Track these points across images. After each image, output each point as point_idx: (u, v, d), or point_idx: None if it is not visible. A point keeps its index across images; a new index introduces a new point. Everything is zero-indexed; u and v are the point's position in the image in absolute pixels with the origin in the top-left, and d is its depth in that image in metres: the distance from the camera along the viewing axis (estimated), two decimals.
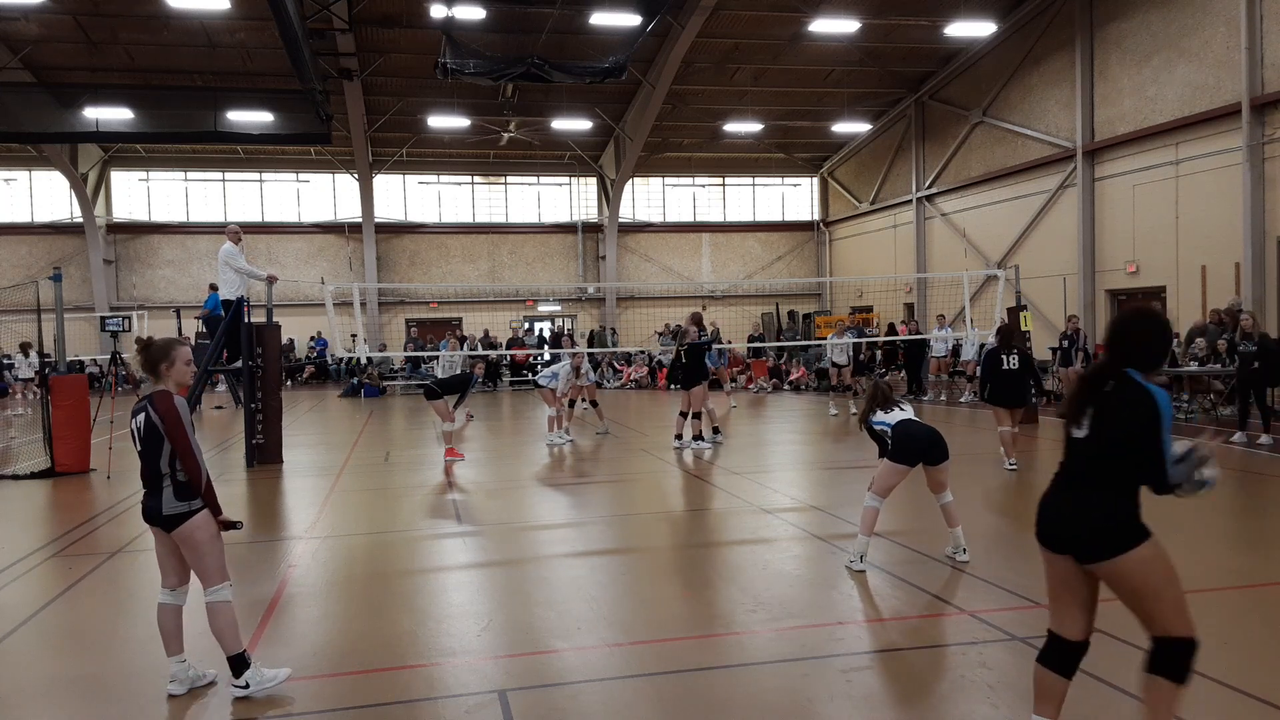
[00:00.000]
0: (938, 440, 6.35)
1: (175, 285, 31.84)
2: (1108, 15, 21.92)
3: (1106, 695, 4.14)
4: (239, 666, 4.32)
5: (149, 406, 4.43)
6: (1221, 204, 19.04)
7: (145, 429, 4.41)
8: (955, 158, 28.14)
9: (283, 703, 4.30)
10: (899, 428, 6.34)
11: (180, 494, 4.38)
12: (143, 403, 4.49)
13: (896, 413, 6.45)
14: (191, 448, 4.39)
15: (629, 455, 12.52)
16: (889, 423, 6.40)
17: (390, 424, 17.56)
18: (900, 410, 6.48)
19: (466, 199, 34.35)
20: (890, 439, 6.37)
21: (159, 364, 4.50)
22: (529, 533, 7.97)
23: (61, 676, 4.78)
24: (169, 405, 4.38)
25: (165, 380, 4.50)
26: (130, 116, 22.66)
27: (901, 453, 6.30)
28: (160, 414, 4.37)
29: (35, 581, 6.59)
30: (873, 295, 32.26)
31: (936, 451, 6.32)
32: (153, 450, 4.39)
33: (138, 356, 4.56)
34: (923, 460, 6.32)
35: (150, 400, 4.44)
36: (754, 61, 27.06)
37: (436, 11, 21.16)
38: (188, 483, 4.38)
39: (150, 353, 4.52)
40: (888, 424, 6.41)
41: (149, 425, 4.40)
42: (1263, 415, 11.79)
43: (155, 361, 4.51)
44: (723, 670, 4.61)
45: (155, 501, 4.40)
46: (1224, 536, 7.37)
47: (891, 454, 6.34)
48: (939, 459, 6.34)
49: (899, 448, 6.31)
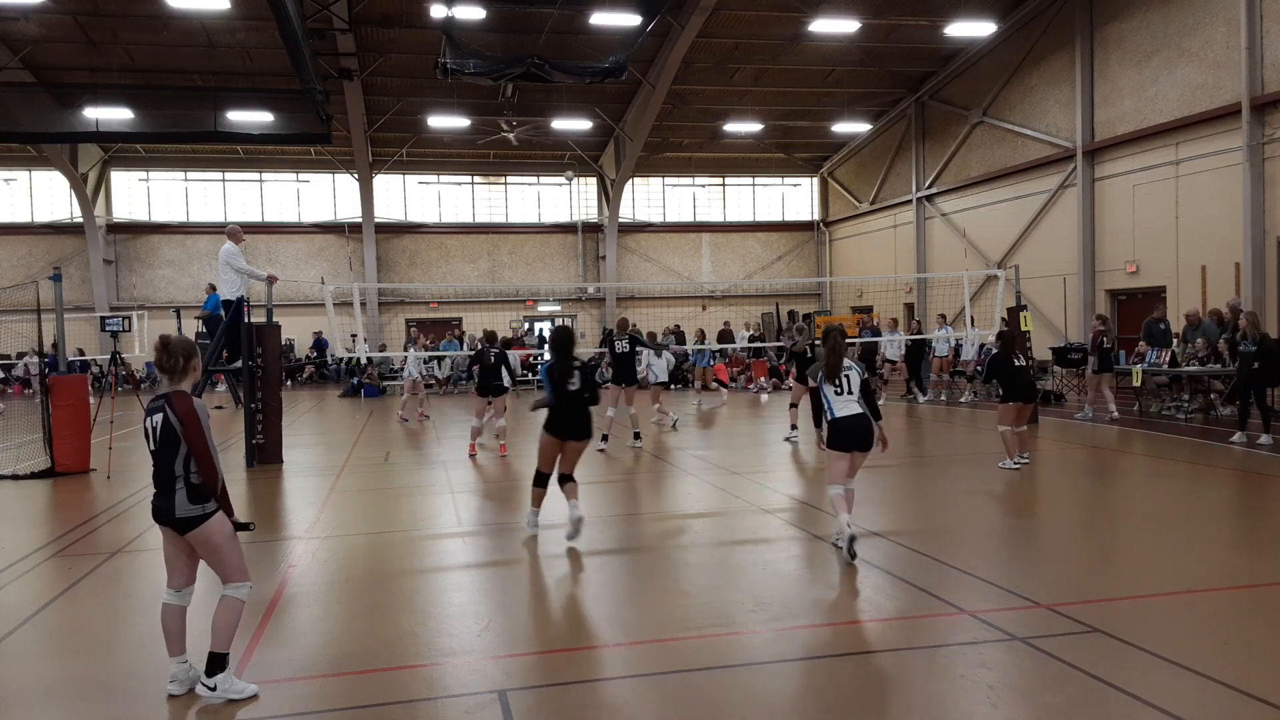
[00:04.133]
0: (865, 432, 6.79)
1: (175, 285, 31.84)
2: (1108, 15, 21.92)
3: (1106, 695, 4.14)
4: (216, 665, 4.28)
5: (167, 407, 4.34)
6: (1221, 204, 19.04)
7: (162, 430, 4.33)
8: (955, 158, 28.14)
9: (283, 703, 4.30)
10: (834, 423, 6.79)
11: (194, 497, 4.33)
12: (159, 402, 4.38)
13: (845, 399, 6.76)
14: (209, 451, 4.33)
15: (629, 455, 12.53)
16: (834, 410, 6.79)
17: (390, 424, 17.55)
18: (848, 393, 6.78)
19: (466, 199, 34.36)
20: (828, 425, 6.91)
21: (189, 359, 4.42)
22: (529, 533, 7.96)
23: (62, 676, 4.78)
24: (189, 408, 4.31)
25: (184, 380, 4.43)
26: (130, 116, 22.67)
27: (836, 440, 6.81)
28: (180, 416, 4.30)
29: (35, 581, 6.59)
30: (873, 295, 32.26)
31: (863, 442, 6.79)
32: (169, 452, 4.33)
33: (158, 354, 4.43)
34: (855, 449, 6.78)
35: (168, 401, 4.35)
36: (754, 61, 27.07)
37: (436, 11, 21.17)
38: (202, 485, 4.34)
39: (174, 350, 4.41)
40: (832, 410, 6.80)
41: (166, 426, 4.32)
42: (1263, 415, 11.78)
43: (182, 358, 4.41)
44: (723, 670, 4.60)
45: (167, 503, 4.35)
46: (1224, 536, 7.36)
47: (829, 442, 6.89)
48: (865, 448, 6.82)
49: (833, 437, 6.83)
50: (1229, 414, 14.01)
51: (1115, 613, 5.23)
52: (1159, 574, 6.13)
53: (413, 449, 13.96)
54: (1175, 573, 6.15)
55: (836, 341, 6.87)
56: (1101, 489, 9.53)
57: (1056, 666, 4.45)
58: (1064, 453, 11.98)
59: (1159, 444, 12.40)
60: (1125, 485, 9.88)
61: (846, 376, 6.78)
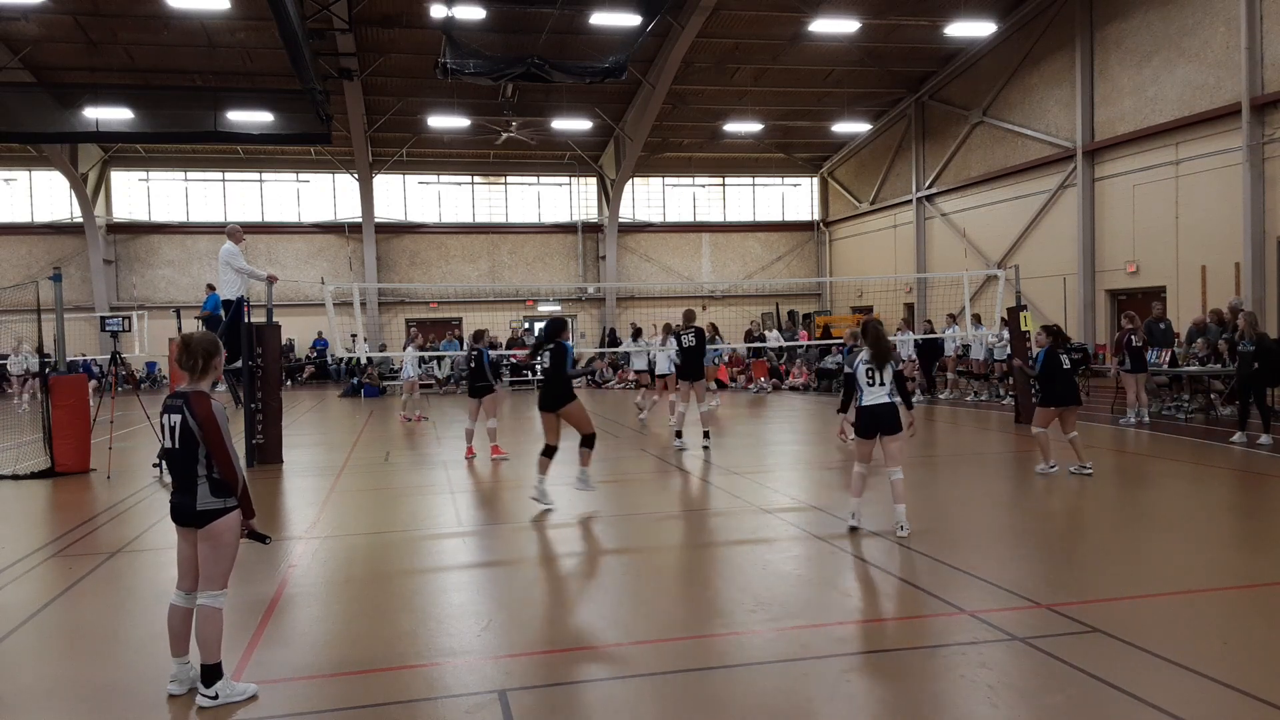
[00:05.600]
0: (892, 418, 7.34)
1: (175, 285, 31.85)
2: (1108, 15, 21.92)
3: (1106, 695, 4.14)
4: (212, 676, 4.26)
5: (186, 409, 4.30)
6: (1221, 204, 19.04)
7: (181, 431, 4.30)
8: (955, 158, 28.14)
9: (283, 703, 4.30)
10: (863, 409, 7.37)
11: (216, 490, 4.32)
12: (177, 402, 4.34)
13: (876, 389, 7.30)
14: (229, 454, 4.32)
15: (629, 455, 12.52)
16: (864, 398, 7.36)
17: (390, 424, 17.56)
18: (879, 384, 7.32)
19: (466, 199, 34.36)
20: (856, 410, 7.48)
21: (210, 358, 4.38)
22: (529, 533, 7.97)
23: (62, 676, 4.78)
24: (208, 412, 4.28)
25: (204, 379, 4.40)
26: (130, 116, 22.67)
27: (864, 424, 7.40)
28: (200, 420, 4.27)
29: (35, 581, 6.59)
30: (873, 295, 32.26)
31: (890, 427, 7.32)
32: (188, 453, 4.31)
33: (179, 352, 4.37)
34: (883, 433, 7.33)
35: (187, 402, 4.31)
36: (754, 61, 27.07)
37: (436, 11, 21.17)
38: (224, 480, 4.34)
39: (194, 349, 4.36)
40: (863, 397, 7.37)
41: (185, 427, 4.30)
42: (1263, 415, 11.77)
43: (202, 357, 4.37)
44: (723, 670, 4.60)
45: (188, 498, 4.32)
46: (1224, 536, 7.36)
47: (857, 427, 7.45)
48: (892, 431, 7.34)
49: (861, 421, 7.42)
50: (1229, 414, 14.01)
51: (1115, 613, 5.23)
52: (1159, 574, 6.13)
53: (412, 449, 13.96)
54: (1175, 573, 6.15)
55: (879, 333, 7.43)
56: (1102, 489, 9.52)
57: (1056, 666, 4.45)
58: (1064, 453, 11.97)
59: (1159, 444, 12.40)
60: (1125, 485, 9.87)
61: (877, 368, 7.32)
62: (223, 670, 4.31)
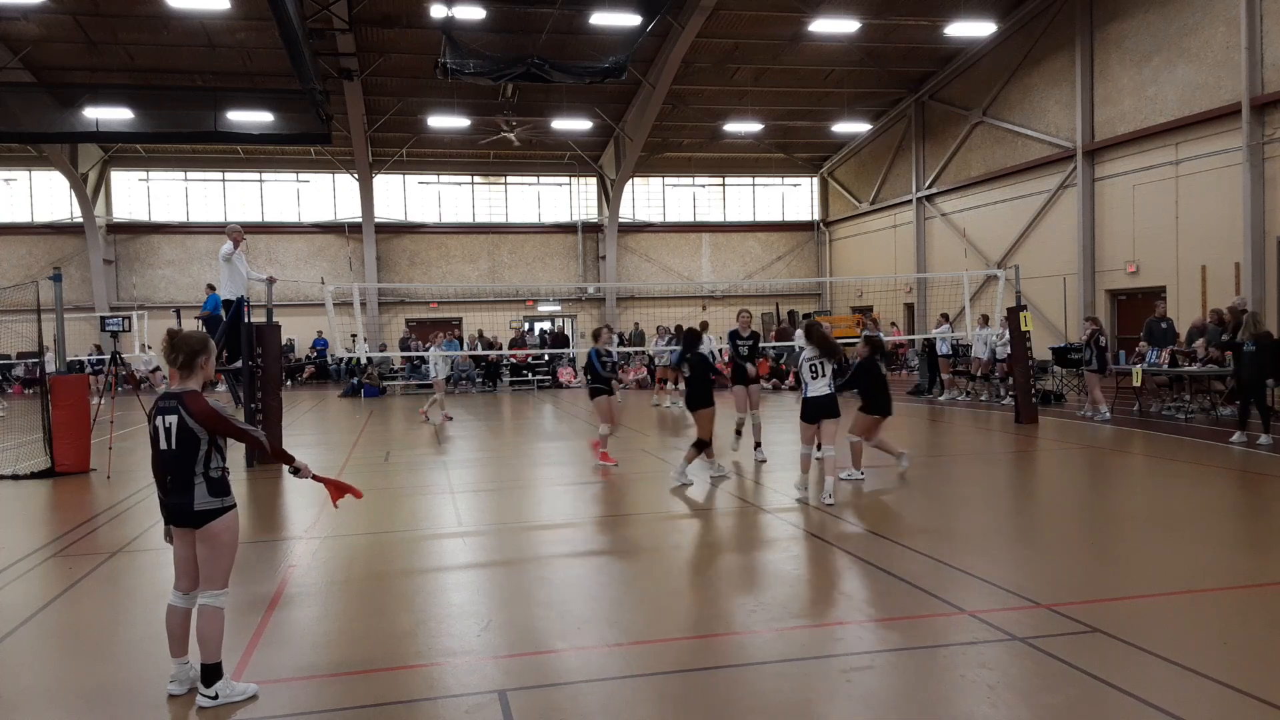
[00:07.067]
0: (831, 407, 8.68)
1: (175, 285, 31.85)
2: (1108, 15, 21.93)
3: (1106, 695, 4.14)
4: (212, 676, 4.25)
5: (181, 409, 4.26)
6: (1221, 204, 19.05)
7: (178, 431, 4.26)
8: (955, 158, 28.15)
9: (283, 703, 4.30)
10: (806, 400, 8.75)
11: (214, 490, 4.31)
12: (171, 403, 4.30)
13: (818, 382, 8.64)
14: (247, 432, 4.39)
15: (629, 455, 12.52)
16: (808, 390, 8.72)
17: (390, 424, 17.56)
18: (821, 376, 8.65)
19: (466, 199, 34.36)
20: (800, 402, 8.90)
21: (197, 355, 4.36)
22: (529, 533, 7.97)
23: (62, 676, 4.78)
24: (205, 409, 4.26)
25: (193, 378, 4.37)
26: (130, 116, 22.64)
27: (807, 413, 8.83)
28: (200, 418, 4.24)
29: (35, 581, 6.59)
30: (873, 295, 32.27)
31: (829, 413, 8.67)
32: (187, 452, 4.27)
33: (166, 349, 4.35)
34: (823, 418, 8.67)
35: (181, 402, 4.28)
36: (754, 61, 27.07)
37: (436, 11, 21.18)
38: (221, 479, 4.34)
39: (178, 344, 4.33)
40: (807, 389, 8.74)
41: (183, 428, 4.26)
42: (1263, 415, 11.77)
43: (194, 353, 4.35)
44: (723, 670, 4.60)
45: (185, 499, 4.29)
46: (1224, 536, 7.36)
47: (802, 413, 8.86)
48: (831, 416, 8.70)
49: (804, 410, 8.85)
50: (1229, 414, 14.00)
51: (1115, 613, 5.23)
52: (1159, 574, 6.13)
53: (412, 449, 13.96)
54: (1175, 573, 6.15)
55: (824, 334, 8.73)
56: (1102, 489, 9.52)
57: (1056, 666, 4.45)
58: (1064, 453, 11.98)
59: (1159, 444, 12.39)
60: (1125, 485, 9.87)
61: (821, 363, 8.64)
62: (223, 670, 4.31)
